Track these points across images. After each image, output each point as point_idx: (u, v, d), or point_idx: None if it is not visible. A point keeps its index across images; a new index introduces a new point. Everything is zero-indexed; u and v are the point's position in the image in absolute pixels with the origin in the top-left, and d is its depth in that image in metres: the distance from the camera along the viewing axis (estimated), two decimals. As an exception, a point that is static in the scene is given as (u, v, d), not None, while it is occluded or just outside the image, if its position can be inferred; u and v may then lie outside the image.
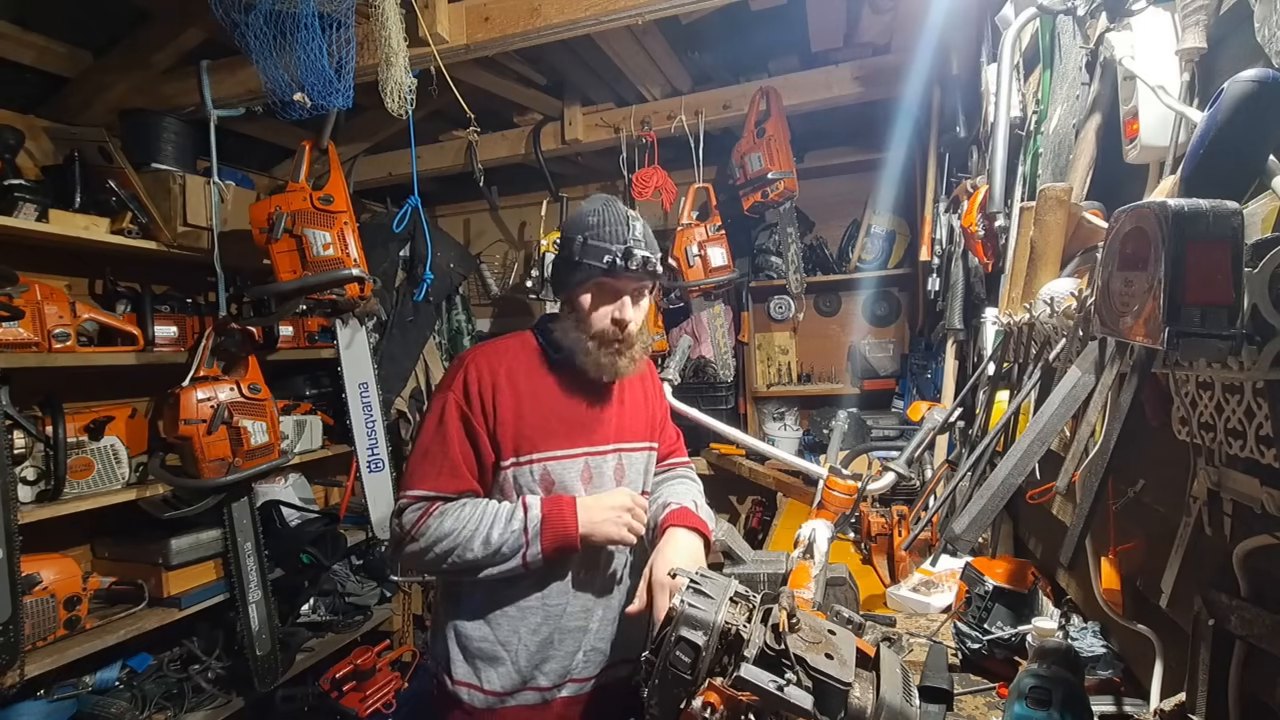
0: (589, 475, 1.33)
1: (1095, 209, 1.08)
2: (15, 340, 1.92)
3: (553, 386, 1.31)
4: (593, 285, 1.26)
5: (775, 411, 3.49)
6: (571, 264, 1.26)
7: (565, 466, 1.30)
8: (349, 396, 2.80)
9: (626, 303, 1.27)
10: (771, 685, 0.73)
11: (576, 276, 1.26)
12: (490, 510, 1.23)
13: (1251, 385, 0.65)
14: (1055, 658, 0.89)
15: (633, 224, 1.27)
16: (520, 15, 1.90)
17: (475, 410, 1.25)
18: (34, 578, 1.90)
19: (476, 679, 1.28)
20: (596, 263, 1.22)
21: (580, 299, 1.27)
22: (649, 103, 2.95)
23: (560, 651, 1.30)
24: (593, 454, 1.33)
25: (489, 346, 1.35)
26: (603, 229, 1.25)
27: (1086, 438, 0.84)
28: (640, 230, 1.27)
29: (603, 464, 1.34)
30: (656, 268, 1.26)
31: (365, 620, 3.01)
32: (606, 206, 1.28)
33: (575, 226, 1.27)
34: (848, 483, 1.59)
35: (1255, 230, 0.65)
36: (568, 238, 1.28)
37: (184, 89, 2.22)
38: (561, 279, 1.31)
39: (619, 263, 1.21)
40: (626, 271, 1.22)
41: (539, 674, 1.29)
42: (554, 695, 1.30)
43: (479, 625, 1.29)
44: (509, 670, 1.28)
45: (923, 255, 2.55)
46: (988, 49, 1.84)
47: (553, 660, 1.29)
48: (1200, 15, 0.84)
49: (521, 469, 1.28)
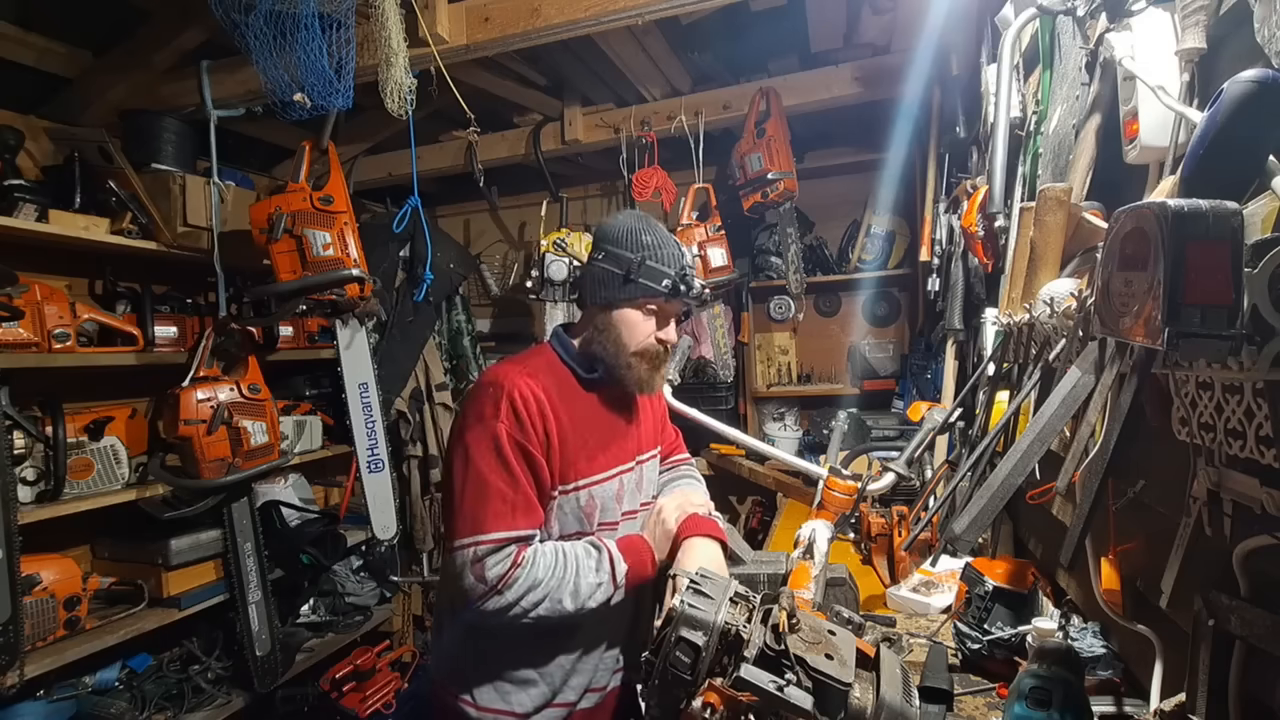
0: (621, 493, 1.34)
1: (1095, 209, 1.08)
2: (15, 340, 1.92)
3: (586, 408, 1.29)
4: (644, 305, 1.26)
5: (775, 412, 3.49)
6: (621, 280, 1.24)
7: (604, 489, 1.29)
8: (349, 397, 2.80)
9: (672, 324, 1.30)
10: (771, 685, 0.73)
11: (628, 293, 1.24)
12: (573, 556, 1.19)
13: (1251, 385, 0.65)
14: (1055, 658, 0.89)
15: (683, 250, 1.29)
16: (520, 15, 1.90)
17: (531, 440, 1.18)
18: (34, 578, 1.90)
19: (505, 703, 1.24)
20: (654, 285, 1.23)
21: (627, 315, 1.26)
22: (649, 103, 2.95)
23: (587, 665, 1.29)
24: (624, 471, 1.34)
25: (520, 367, 1.24)
26: (660, 251, 1.24)
27: (1086, 438, 0.84)
28: (689, 256, 1.29)
29: (630, 479, 1.36)
30: (708, 296, 1.28)
31: (365, 621, 3.01)
32: (654, 227, 1.28)
33: (626, 243, 1.25)
34: (848, 483, 1.58)
35: (1255, 230, 0.65)
36: (618, 254, 1.25)
37: (184, 89, 2.22)
38: (605, 293, 1.26)
39: (679, 288, 1.23)
40: (684, 298, 1.25)
41: (567, 689, 1.28)
42: (576, 707, 1.29)
43: (514, 652, 1.26)
44: (541, 690, 1.26)
45: (923, 255, 2.55)
46: (988, 49, 1.84)
47: (579, 674, 1.29)
48: (1200, 15, 0.84)
49: (567, 497, 1.25)
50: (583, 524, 1.27)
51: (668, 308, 1.28)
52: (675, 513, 1.30)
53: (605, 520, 1.31)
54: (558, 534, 1.26)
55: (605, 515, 1.30)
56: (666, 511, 1.31)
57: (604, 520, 1.30)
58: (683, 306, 1.31)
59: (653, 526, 1.31)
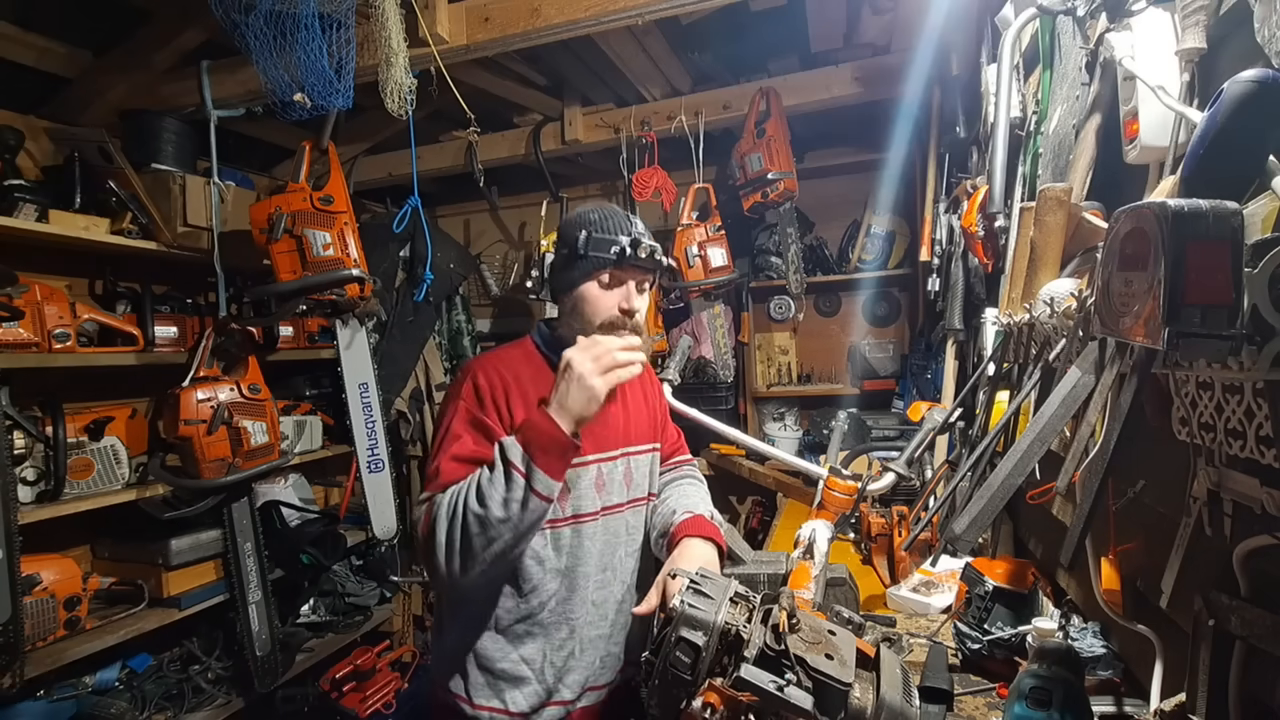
0: (601, 482, 1.32)
1: (1095, 209, 1.08)
2: (15, 340, 1.92)
3: None
4: (599, 276, 1.25)
5: (775, 412, 3.49)
6: (574, 260, 1.25)
7: (579, 474, 1.28)
8: (349, 397, 2.80)
9: (632, 291, 1.28)
10: (771, 685, 0.73)
11: (581, 270, 1.25)
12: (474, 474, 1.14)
13: (1251, 385, 0.65)
14: (1055, 658, 0.89)
15: (633, 219, 1.29)
16: (520, 16, 1.90)
17: (490, 413, 1.21)
18: (34, 578, 1.90)
19: (501, 702, 1.24)
20: (603, 254, 1.23)
21: (586, 290, 1.26)
22: (649, 103, 2.95)
23: (582, 662, 1.29)
24: (604, 460, 1.33)
25: (491, 356, 1.31)
26: (606, 223, 1.26)
27: (1086, 438, 0.84)
28: (642, 225, 1.30)
29: (613, 469, 1.34)
30: (662, 258, 1.28)
31: (365, 621, 3.01)
32: (604, 206, 1.30)
33: (575, 225, 1.27)
34: (848, 483, 1.58)
35: (1255, 230, 0.65)
36: (568, 235, 1.27)
37: (184, 89, 2.22)
38: (563, 278, 1.29)
39: (628, 252, 1.22)
40: (635, 261, 1.23)
41: (562, 687, 1.27)
42: (575, 706, 1.28)
43: (501, 646, 1.26)
44: (535, 689, 1.25)
45: (923, 255, 2.55)
46: (988, 49, 1.84)
47: (575, 672, 1.28)
48: (1200, 15, 0.84)
49: None
50: (557, 510, 1.25)
51: (624, 275, 1.26)
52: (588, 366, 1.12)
53: (583, 511, 1.29)
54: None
55: (582, 504, 1.28)
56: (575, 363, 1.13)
57: (582, 511, 1.29)
58: (641, 273, 1.27)
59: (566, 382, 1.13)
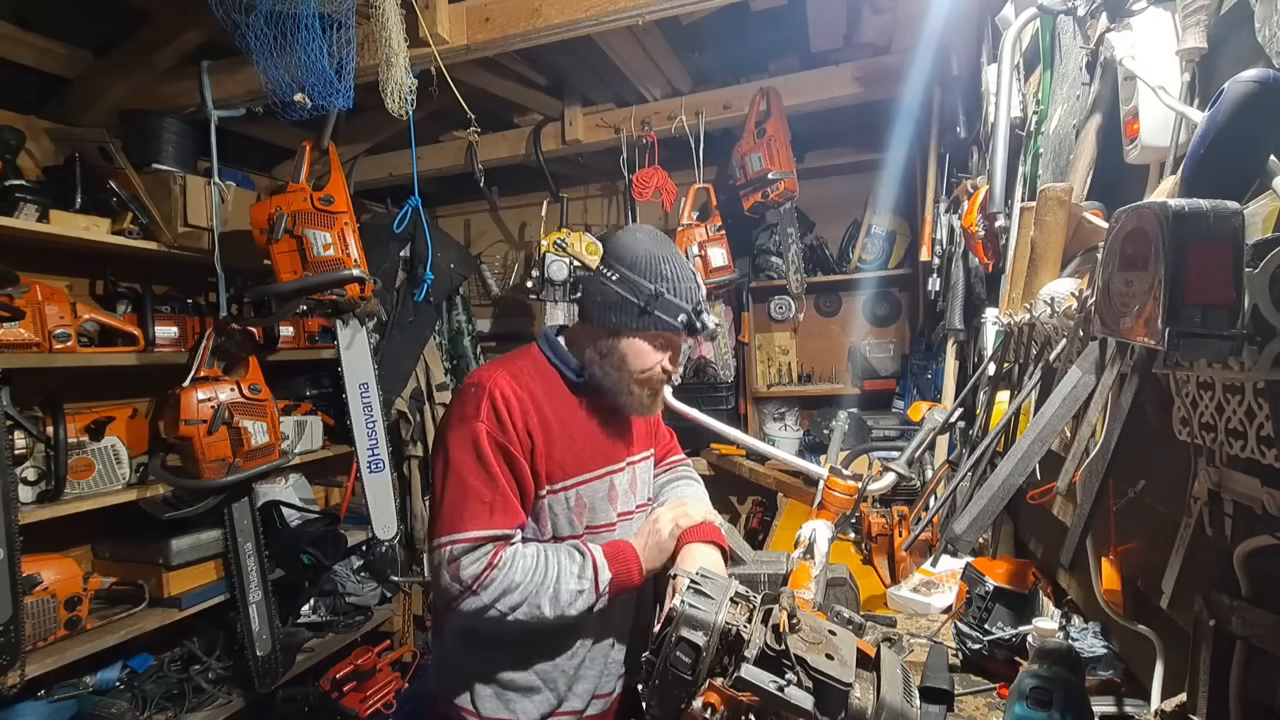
0: (614, 494, 1.33)
1: (1095, 209, 1.08)
2: (16, 341, 1.92)
3: (573, 409, 1.28)
4: (655, 336, 1.24)
5: (775, 412, 3.49)
6: (635, 310, 1.21)
7: (594, 488, 1.29)
8: (349, 397, 2.80)
9: (679, 355, 1.30)
10: (772, 686, 0.73)
11: (640, 322, 1.22)
12: (554, 560, 1.17)
13: (1252, 386, 0.65)
14: (1056, 658, 0.89)
15: (699, 282, 1.27)
16: (520, 16, 1.90)
17: (512, 439, 1.17)
18: (35, 578, 1.90)
19: (510, 713, 1.24)
20: (670, 319, 1.21)
21: (636, 344, 1.24)
22: (649, 103, 2.95)
23: (591, 672, 1.29)
24: (614, 471, 1.33)
25: (503, 369, 1.24)
26: (679, 285, 1.22)
27: (1087, 438, 0.84)
28: (704, 289, 1.28)
29: (621, 479, 1.35)
30: (716, 331, 1.30)
31: (366, 621, 3.02)
32: (675, 256, 1.25)
33: (645, 270, 1.21)
34: (848, 483, 1.58)
35: (1256, 230, 0.65)
36: (635, 281, 1.21)
37: (184, 89, 2.22)
38: (616, 317, 1.23)
39: (695, 326, 1.23)
40: (695, 334, 1.25)
41: (572, 695, 1.27)
42: (583, 714, 1.29)
43: (513, 659, 1.24)
44: (545, 697, 1.25)
45: (923, 255, 2.55)
46: (988, 49, 1.84)
47: (584, 681, 1.28)
48: (1200, 15, 0.84)
49: (556, 496, 1.24)
50: (574, 525, 1.26)
51: (676, 340, 1.28)
52: (670, 524, 1.26)
53: (600, 522, 1.30)
54: (550, 535, 1.25)
55: (598, 517, 1.29)
56: (662, 522, 1.27)
57: (598, 522, 1.29)
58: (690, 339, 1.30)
59: (645, 535, 1.27)
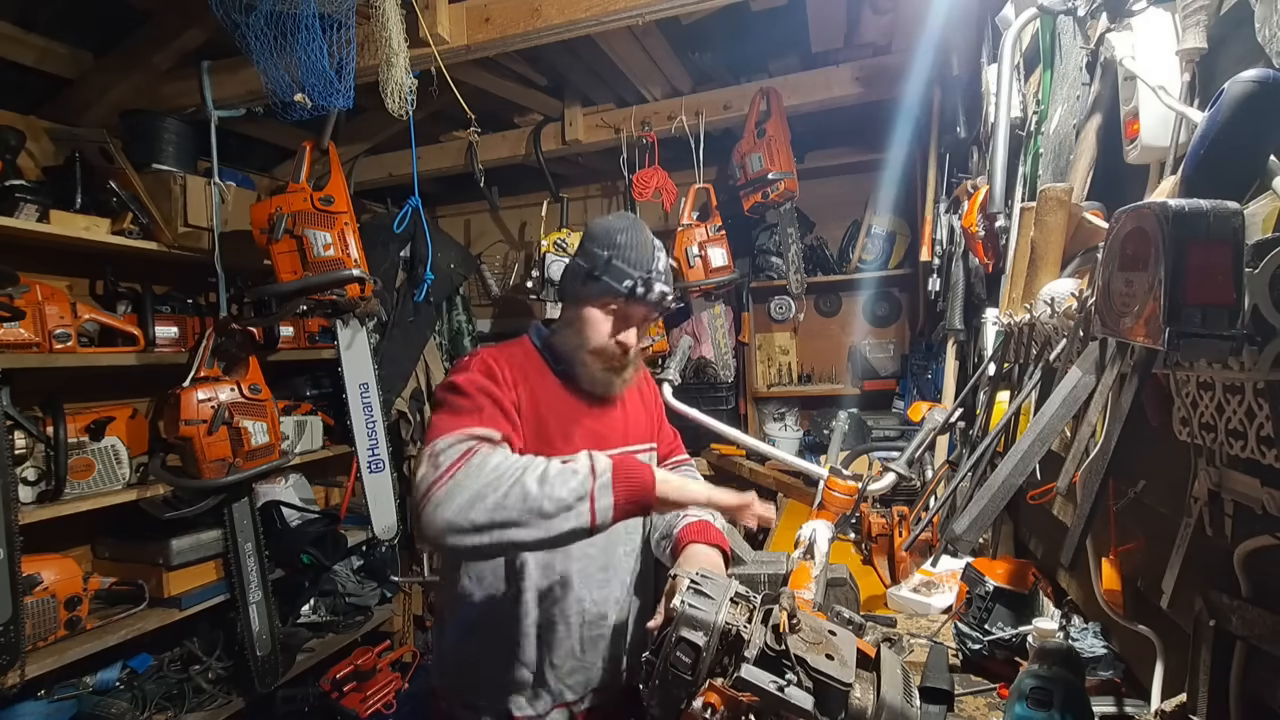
0: None
1: (1096, 209, 1.08)
2: (16, 341, 1.92)
3: (561, 392, 1.29)
4: (606, 304, 1.24)
5: (775, 412, 3.49)
6: (589, 277, 1.23)
7: None
8: (349, 397, 2.80)
9: (634, 329, 1.27)
10: (772, 686, 0.73)
11: (591, 290, 1.23)
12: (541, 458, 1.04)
13: (1252, 386, 0.65)
14: (1056, 658, 0.89)
15: (657, 254, 1.25)
16: (520, 16, 1.90)
17: (503, 390, 1.18)
18: (35, 578, 1.90)
19: (505, 706, 1.24)
20: (616, 284, 1.20)
21: (588, 313, 1.25)
22: (649, 103, 2.95)
23: (584, 664, 1.28)
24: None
25: (494, 349, 1.28)
26: (629, 251, 1.22)
27: (1087, 438, 0.84)
28: (664, 263, 1.26)
29: None
30: (670, 304, 1.26)
31: (366, 621, 3.02)
32: (635, 228, 1.26)
33: (601, 240, 1.24)
34: (848, 483, 1.58)
35: (1256, 230, 0.65)
36: (591, 250, 1.24)
37: (185, 89, 2.22)
38: (574, 288, 1.27)
39: (638, 290, 1.20)
40: (643, 301, 1.22)
41: (565, 689, 1.27)
42: (579, 709, 1.29)
43: (502, 649, 1.25)
44: (538, 691, 1.25)
45: (923, 256, 2.55)
46: (988, 49, 1.84)
47: (578, 673, 1.28)
48: (1200, 15, 0.84)
49: None
50: None
51: (629, 310, 1.24)
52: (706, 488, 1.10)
53: None
54: None
55: None
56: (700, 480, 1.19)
57: None
58: (649, 312, 1.26)
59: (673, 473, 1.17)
